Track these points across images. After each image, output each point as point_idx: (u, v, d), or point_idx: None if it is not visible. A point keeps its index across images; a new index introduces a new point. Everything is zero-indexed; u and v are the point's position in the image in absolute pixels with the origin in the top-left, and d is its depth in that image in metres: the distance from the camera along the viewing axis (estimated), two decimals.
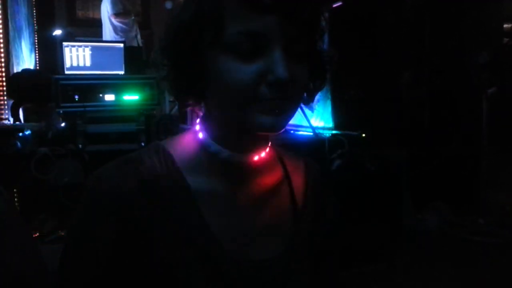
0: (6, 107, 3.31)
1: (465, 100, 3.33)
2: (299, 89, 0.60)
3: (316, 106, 0.71)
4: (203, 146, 0.66)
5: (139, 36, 4.91)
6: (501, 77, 3.20)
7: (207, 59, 0.60)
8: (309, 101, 0.68)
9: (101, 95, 2.68)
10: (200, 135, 0.67)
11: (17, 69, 3.57)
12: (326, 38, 0.66)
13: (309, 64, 0.62)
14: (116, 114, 2.71)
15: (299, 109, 0.67)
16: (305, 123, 3.07)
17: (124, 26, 4.85)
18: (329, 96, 3.27)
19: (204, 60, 0.60)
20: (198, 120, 0.69)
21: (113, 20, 4.81)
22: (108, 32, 4.87)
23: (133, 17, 4.91)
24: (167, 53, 0.64)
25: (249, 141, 0.65)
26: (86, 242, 0.62)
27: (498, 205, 3.16)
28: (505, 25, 3.61)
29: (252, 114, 0.58)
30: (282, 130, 0.62)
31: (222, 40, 0.58)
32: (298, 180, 0.74)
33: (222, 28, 0.57)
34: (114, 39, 4.68)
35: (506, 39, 3.54)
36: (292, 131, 3.33)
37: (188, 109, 0.70)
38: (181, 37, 0.61)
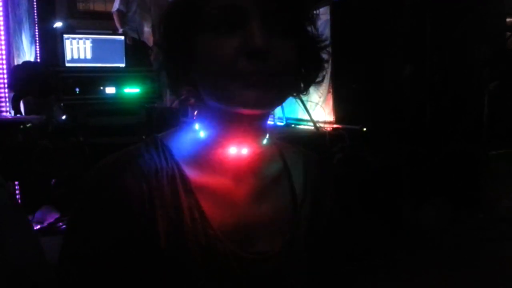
0: (7, 99, 3.31)
1: (467, 96, 3.32)
2: (282, 64, 0.59)
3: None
4: (200, 139, 0.66)
5: (141, 29, 4.83)
6: (503, 72, 3.19)
7: (195, 45, 0.61)
8: (304, 90, 0.68)
9: (102, 88, 2.68)
10: (197, 127, 0.67)
11: (17, 61, 3.56)
12: (327, 31, 0.66)
13: (296, 45, 0.61)
14: (117, 107, 2.71)
15: (300, 103, 0.67)
16: (307, 117, 3.06)
17: (124, 19, 4.79)
18: (331, 90, 3.26)
19: (193, 46, 0.61)
20: (195, 113, 0.69)
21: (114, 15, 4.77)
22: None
23: (134, 9, 4.80)
24: (161, 44, 0.65)
25: (244, 133, 0.64)
26: (86, 237, 0.61)
27: (497, 200, 3.16)
28: (507, 19, 3.59)
29: (233, 90, 0.58)
30: (270, 108, 0.62)
31: (203, 19, 0.58)
32: (298, 173, 0.74)
33: (201, 6, 0.58)
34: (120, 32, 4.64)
35: (508, 34, 3.52)
36: (293, 125, 3.33)
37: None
38: (170, 25, 0.62)
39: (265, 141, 0.69)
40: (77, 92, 2.60)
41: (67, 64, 2.87)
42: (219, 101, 0.61)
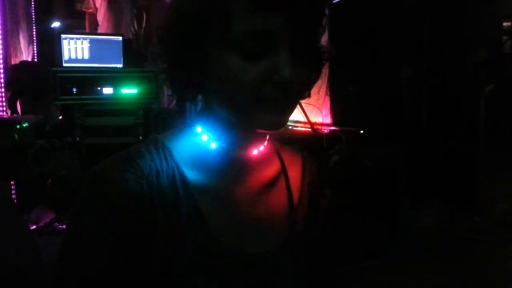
0: (3, 99, 3.30)
1: (464, 98, 3.34)
2: (300, 88, 0.61)
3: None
4: (201, 142, 0.66)
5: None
6: (499, 75, 3.20)
7: (210, 55, 0.59)
8: (305, 96, 0.69)
9: (99, 88, 2.66)
10: (198, 130, 0.67)
11: (15, 61, 3.56)
12: (325, 33, 0.66)
13: (309, 61, 0.61)
14: (114, 107, 2.70)
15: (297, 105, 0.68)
16: (304, 119, 3.06)
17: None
18: (328, 92, 3.27)
19: (206, 55, 0.59)
20: (195, 115, 0.69)
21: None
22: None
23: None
24: (166, 45, 0.63)
25: (247, 136, 0.65)
26: (86, 238, 0.61)
27: (493, 203, 3.17)
28: (504, 23, 3.60)
29: (255, 113, 0.59)
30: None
31: (228, 38, 0.57)
32: (295, 174, 0.74)
33: (229, 25, 0.56)
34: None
35: (505, 37, 3.54)
36: (290, 127, 3.33)
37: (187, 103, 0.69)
38: (184, 30, 0.60)
39: (264, 143, 0.69)
40: (74, 92, 2.59)
41: (65, 64, 2.86)
42: (236, 119, 0.62)
